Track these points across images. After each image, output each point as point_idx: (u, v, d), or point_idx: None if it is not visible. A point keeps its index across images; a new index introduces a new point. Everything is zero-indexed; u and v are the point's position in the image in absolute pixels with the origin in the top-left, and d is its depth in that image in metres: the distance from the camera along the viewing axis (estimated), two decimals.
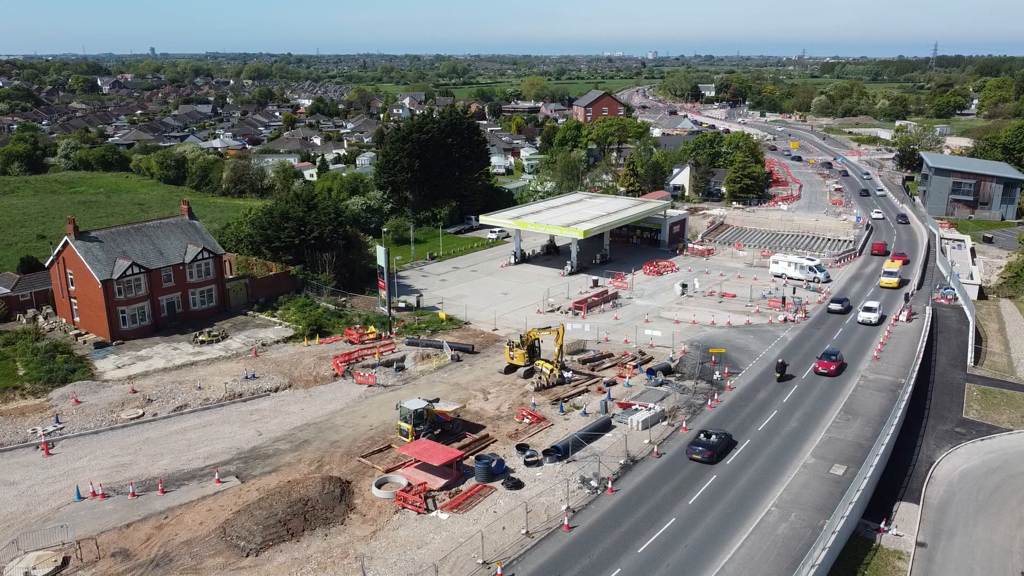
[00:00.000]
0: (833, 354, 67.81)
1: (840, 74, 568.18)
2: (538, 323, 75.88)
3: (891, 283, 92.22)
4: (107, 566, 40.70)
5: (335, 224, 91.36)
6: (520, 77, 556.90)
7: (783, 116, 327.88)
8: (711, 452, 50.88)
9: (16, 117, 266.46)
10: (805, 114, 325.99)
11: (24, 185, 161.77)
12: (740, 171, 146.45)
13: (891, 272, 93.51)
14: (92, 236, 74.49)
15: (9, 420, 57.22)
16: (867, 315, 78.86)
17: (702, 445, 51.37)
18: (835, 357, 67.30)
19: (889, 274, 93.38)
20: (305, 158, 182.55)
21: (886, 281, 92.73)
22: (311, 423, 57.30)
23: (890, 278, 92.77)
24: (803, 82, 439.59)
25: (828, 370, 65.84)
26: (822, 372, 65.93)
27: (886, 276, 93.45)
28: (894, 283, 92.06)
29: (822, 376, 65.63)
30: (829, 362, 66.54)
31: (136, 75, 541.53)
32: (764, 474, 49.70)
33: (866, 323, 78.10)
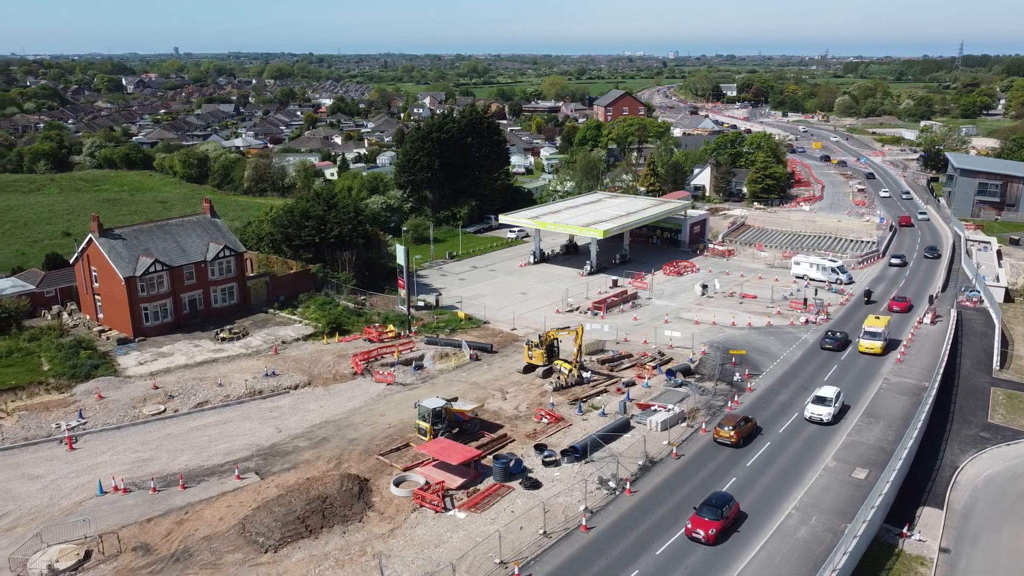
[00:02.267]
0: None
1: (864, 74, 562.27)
2: (557, 323, 75.73)
3: (873, 348, 68.99)
4: (128, 560, 41.11)
5: (355, 223, 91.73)
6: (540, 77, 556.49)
7: (805, 116, 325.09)
8: (839, 343, 71.00)
9: (43, 116, 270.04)
10: (828, 114, 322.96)
11: (50, 183, 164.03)
12: (761, 171, 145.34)
13: (874, 333, 69.56)
14: (116, 234, 75.31)
15: (34, 414, 57.99)
16: (817, 410, 56.16)
17: (832, 339, 71.47)
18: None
19: (871, 335, 69.46)
20: (326, 157, 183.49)
21: (867, 345, 69.15)
22: (330, 421, 57.55)
23: (872, 341, 69.16)
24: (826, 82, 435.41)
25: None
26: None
27: (867, 338, 69.43)
28: (877, 348, 68.81)
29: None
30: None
31: (160, 75, 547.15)
32: (784, 477, 49.24)
33: (816, 422, 56.00)
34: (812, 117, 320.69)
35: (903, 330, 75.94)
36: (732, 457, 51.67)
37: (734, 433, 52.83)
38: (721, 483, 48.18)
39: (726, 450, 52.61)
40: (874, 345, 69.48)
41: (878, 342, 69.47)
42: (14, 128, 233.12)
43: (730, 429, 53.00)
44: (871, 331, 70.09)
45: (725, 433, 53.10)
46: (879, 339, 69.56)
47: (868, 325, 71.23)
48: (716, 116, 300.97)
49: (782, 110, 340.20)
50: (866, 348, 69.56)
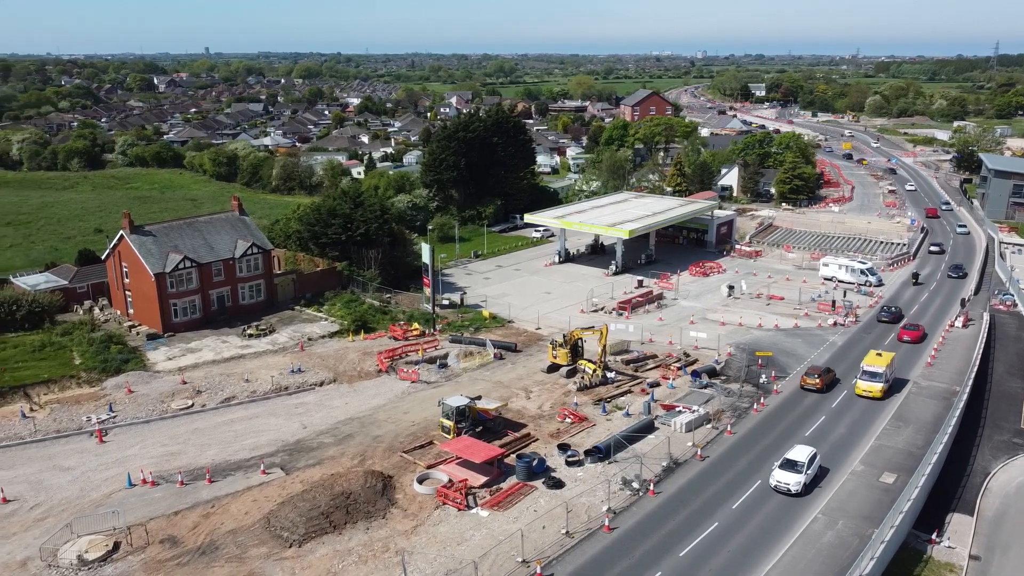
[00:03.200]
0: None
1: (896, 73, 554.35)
2: (581, 323, 75.54)
3: (872, 391, 59.58)
4: (156, 552, 41.69)
5: (381, 221, 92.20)
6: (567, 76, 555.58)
7: (835, 116, 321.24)
8: (895, 317, 77.54)
9: (77, 115, 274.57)
10: (858, 114, 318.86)
11: (83, 180, 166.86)
12: (790, 172, 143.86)
13: (874, 373, 59.97)
14: (146, 230, 76.38)
15: (65, 407, 59.01)
16: (784, 477, 46.96)
17: (888, 312, 78.08)
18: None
19: (870, 376, 59.96)
20: (353, 156, 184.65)
21: (865, 387, 59.88)
22: (354, 417, 57.90)
23: (871, 383, 59.72)
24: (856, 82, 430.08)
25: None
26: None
27: (866, 379, 60.10)
28: (876, 392, 59.43)
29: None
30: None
31: (191, 74, 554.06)
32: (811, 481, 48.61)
33: (783, 492, 46.83)
34: (842, 117, 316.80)
35: (915, 361, 67.81)
36: (756, 460, 51.22)
37: (819, 381, 61.52)
38: (745, 486, 47.78)
39: (750, 452, 52.18)
40: (873, 388, 59.62)
41: (878, 384, 59.51)
42: (49, 126, 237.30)
43: (815, 377, 61.70)
44: (870, 370, 60.18)
45: (811, 381, 61.80)
46: (879, 380, 59.58)
47: (867, 363, 61.02)
48: (744, 116, 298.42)
49: (811, 110, 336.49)
50: (864, 390, 60.03)
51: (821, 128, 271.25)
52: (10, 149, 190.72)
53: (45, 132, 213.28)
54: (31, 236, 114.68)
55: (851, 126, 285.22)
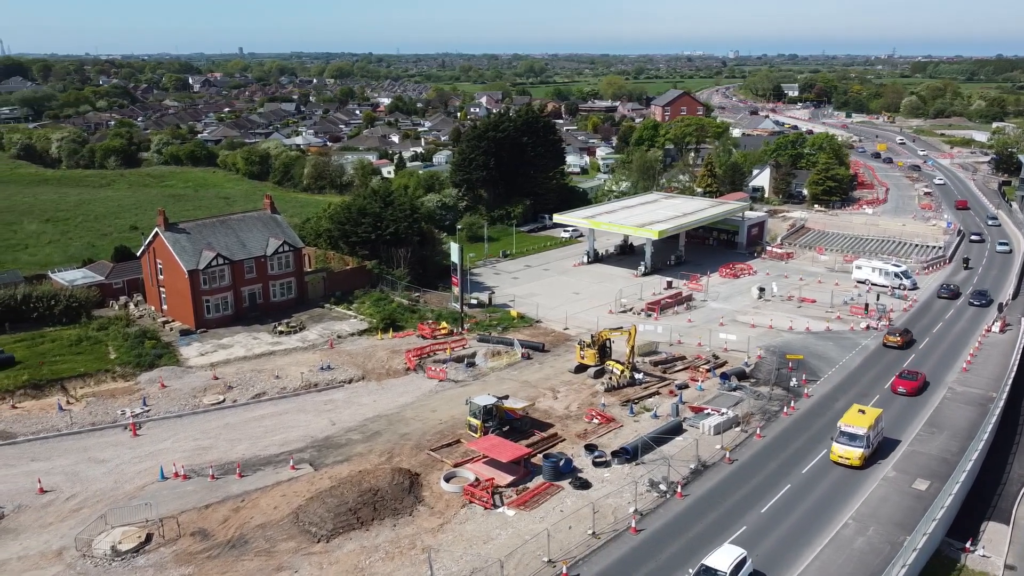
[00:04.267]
0: None
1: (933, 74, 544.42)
2: (610, 323, 75.28)
3: (850, 458, 49.15)
4: (187, 544, 42.34)
5: (410, 221, 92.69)
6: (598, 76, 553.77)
7: (870, 117, 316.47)
8: (953, 294, 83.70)
9: (114, 114, 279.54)
10: (894, 115, 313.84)
11: (119, 178, 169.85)
12: (823, 173, 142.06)
13: (852, 435, 49.51)
14: (180, 228, 77.54)
15: (101, 401, 60.15)
16: None
17: (947, 289, 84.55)
18: None
19: (849, 438, 49.57)
20: (383, 155, 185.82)
21: (841, 452, 49.50)
22: (382, 415, 58.28)
23: (849, 447, 49.35)
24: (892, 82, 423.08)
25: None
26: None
27: (843, 442, 49.75)
28: (854, 458, 48.98)
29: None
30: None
31: (225, 74, 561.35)
32: (841, 486, 48.05)
33: None
34: (877, 118, 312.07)
35: (950, 366, 66.23)
36: (786, 465, 50.68)
37: (900, 339, 70.68)
38: (774, 490, 47.31)
39: (780, 456, 51.67)
40: (851, 453, 48.93)
41: (857, 448, 48.92)
42: (87, 125, 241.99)
43: (897, 336, 71.06)
44: (849, 431, 49.68)
45: (893, 339, 70.97)
46: (860, 444, 49.04)
47: (846, 422, 50.39)
48: (777, 116, 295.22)
49: (846, 111, 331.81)
50: (839, 456, 49.39)
51: (855, 129, 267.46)
52: (50, 147, 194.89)
53: (83, 131, 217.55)
54: (69, 233, 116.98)
55: (886, 127, 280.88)
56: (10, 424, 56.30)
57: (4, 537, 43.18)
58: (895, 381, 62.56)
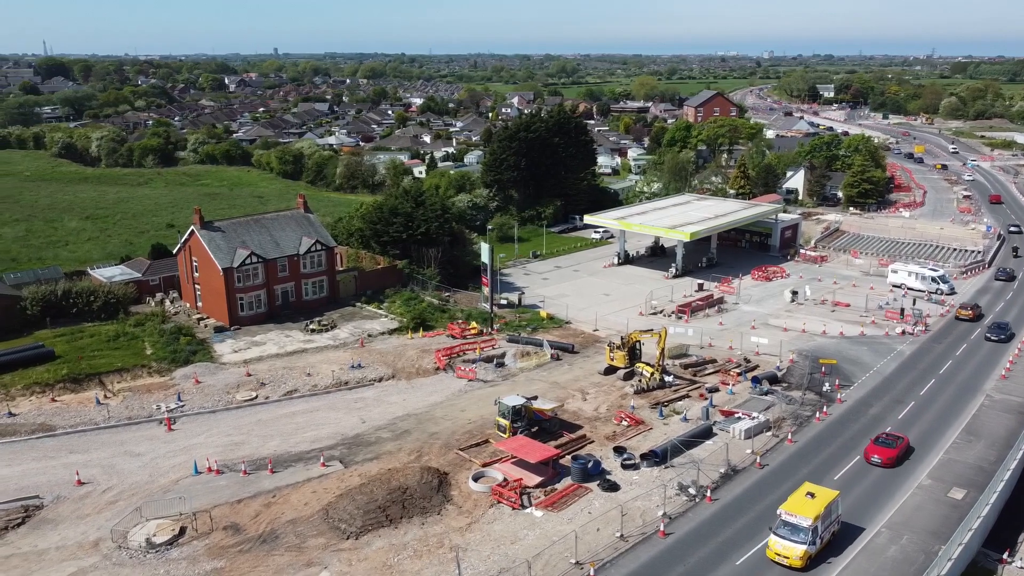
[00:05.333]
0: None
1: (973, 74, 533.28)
2: (640, 325, 74.94)
3: (789, 557, 39.91)
4: (219, 538, 42.98)
5: (441, 221, 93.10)
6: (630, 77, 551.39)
7: (908, 118, 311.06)
8: (1010, 276, 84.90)
9: (152, 114, 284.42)
10: (932, 116, 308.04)
11: (157, 177, 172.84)
12: (859, 175, 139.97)
13: (795, 526, 40.37)
14: (216, 226, 78.67)
15: (137, 396, 61.28)
16: None
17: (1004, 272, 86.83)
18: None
19: (790, 530, 40.45)
20: (415, 155, 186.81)
21: (780, 548, 40.24)
22: (412, 414, 58.63)
23: (791, 542, 40.09)
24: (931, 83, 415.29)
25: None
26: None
27: (782, 534, 40.60)
28: (795, 559, 39.73)
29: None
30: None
31: (260, 74, 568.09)
32: (874, 493, 47.38)
33: None
34: (915, 119, 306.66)
35: (989, 373, 64.66)
36: (818, 471, 50.06)
37: (971, 312, 78.48)
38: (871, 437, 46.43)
39: (811, 462, 51.08)
40: (791, 551, 39.66)
41: (799, 545, 39.64)
42: (126, 125, 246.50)
43: (968, 309, 79.03)
44: (791, 521, 40.47)
45: (965, 312, 79.00)
46: (802, 539, 39.76)
47: (788, 509, 41.14)
48: (812, 118, 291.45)
49: (883, 112, 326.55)
50: (777, 554, 40.15)
51: (892, 131, 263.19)
52: (90, 146, 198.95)
53: (122, 130, 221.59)
54: (108, 230, 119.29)
55: (925, 129, 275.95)
56: (50, 417, 57.59)
57: (43, 527, 44.21)
58: (869, 447, 51.54)
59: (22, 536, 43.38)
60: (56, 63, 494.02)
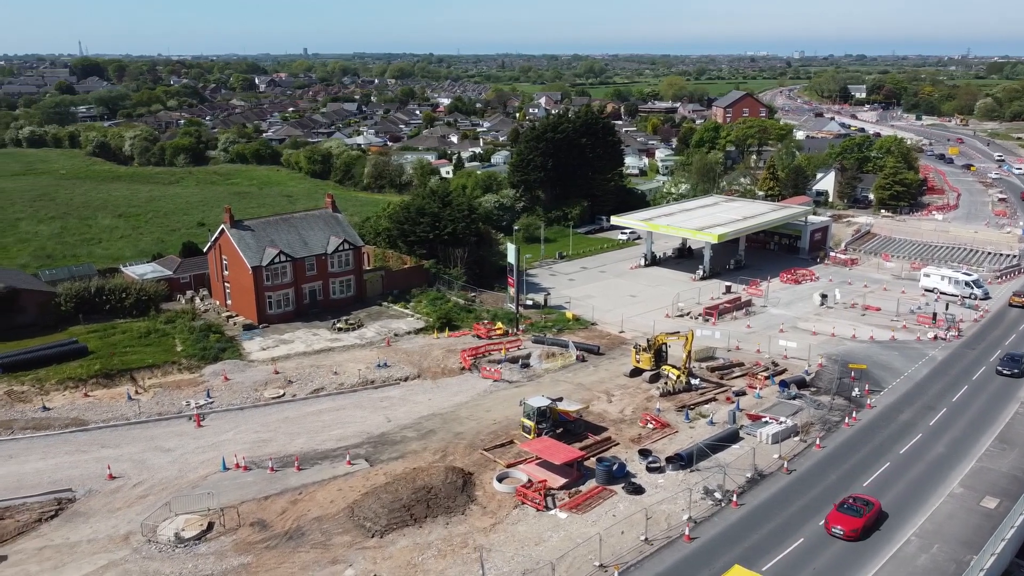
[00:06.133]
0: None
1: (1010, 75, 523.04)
2: (666, 327, 74.47)
3: None
4: (246, 534, 43.44)
5: (468, 221, 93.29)
6: (658, 77, 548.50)
7: (942, 119, 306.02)
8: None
9: (183, 113, 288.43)
10: (967, 118, 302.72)
11: (188, 176, 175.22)
12: (891, 177, 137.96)
13: None
14: (245, 225, 79.50)
15: (167, 392, 62.14)
16: None
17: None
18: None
19: None
20: (442, 155, 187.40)
21: None
22: (437, 413, 58.82)
23: None
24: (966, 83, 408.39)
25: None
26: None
27: None
28: None
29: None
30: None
31: (289, 74, 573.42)
32: (904, 501, 46.67)
33: None
34: (949, 121, 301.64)
35: None
36: (846, 477, 49.44)
37: None
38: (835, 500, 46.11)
39: (840, 468, 50.48)
40: None
41: None
42: (158, 124, 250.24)
43: (1021, 297, 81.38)
44: None
45: (1019, 299, 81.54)
46: None
47: None
48: (843, 119, 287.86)
49: (916, 113, 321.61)
50: None
51: (926, 132, 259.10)
52: (123, 145, 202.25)
53: (154, 129, 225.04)
54: (140, 228, 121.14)
55: (959, 130, 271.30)
56: (83, 411, 58.58)
57: (75, 520, 45.00)
58: (831, 514, 43.86)
59: (55, 528, 44.19)
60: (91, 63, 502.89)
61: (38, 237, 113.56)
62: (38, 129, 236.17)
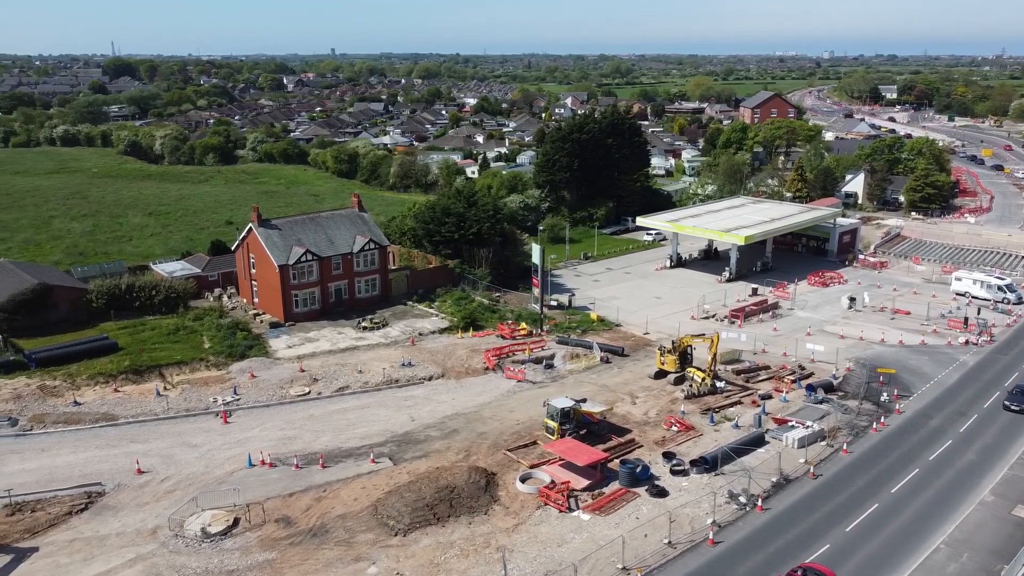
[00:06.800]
0: None
1: None
2: (691, 329, 74.02)
3: None
4: (271, 531, 43.85)
5: (493, 221, 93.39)
6: (685, 77, 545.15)
7: (975, 121, 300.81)
8: None
9: (213, 113, 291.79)
10: (1001, 119, 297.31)
11: (217, 175, 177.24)
12: (922, 179, 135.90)
13: None
14: (272, 224, 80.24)
15: (195, 388, 62.89)
16: None
17: None
18: None
19: None
20: (468, 155, 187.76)
21: None
22: (460, 413, 58.94)
23: None
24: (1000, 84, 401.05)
25: None
26: None
27: None
28: None
29: None
30: None
31: (317, 74, 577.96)
32: (933, 508, 45.97)
33: None
34: (983, 122, 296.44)
35: None
36: (874, 483, 48.79)
37: None
38: (861, 508, 45.63)
39: (867, 474, 49.81)
40: None
41: None
42: (188, 123, 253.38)
43: None
44: None
45: None
46: None
47: None
48: (873, 120, 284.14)
49: (948, 114, 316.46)
50: None
51: (958, 133, 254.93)
52: (154, 144, 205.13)
53: (184, 129, 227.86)
54: (169, 226, 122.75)
55: (993, 132, 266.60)
56: (112, 407, 59.48)
57: (104, 513, 45.70)
58: None
59: (85, 521, 44.92)
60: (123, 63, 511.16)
61: (71, 234, 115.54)
62: (71, 128, 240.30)
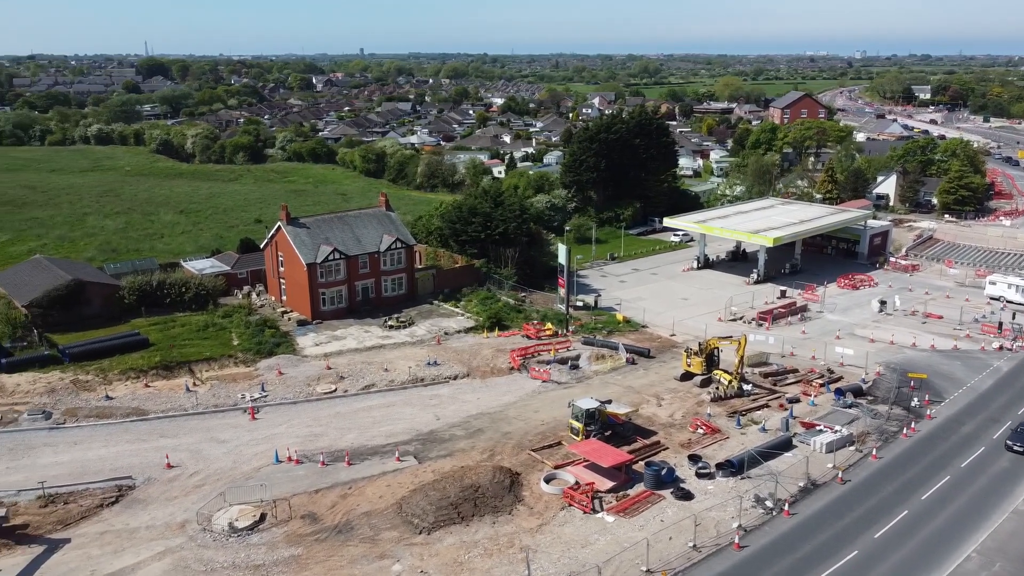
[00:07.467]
0: None
1: None
2: (719, 331, 73.47)
3: None
4: (297, 527, 44.25)
5: (519, 221, 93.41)
6: (714, 77, 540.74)
7: (1011, 122, 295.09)
8: None
9: (243, 112, 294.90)
10: None
11: (246, 173, 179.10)
12: (956, 181, 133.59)
13: None
14: (301, 222, 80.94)
15: (223, 384, 63.65)
16: None
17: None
18: None
19: None
20: (495, 155, 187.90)
21: None
22: (485, 413, 59.03)
23: None
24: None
25: None
26: None
27: None
28: None
29: None
30: None
31: (346, 74, 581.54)
32: (964, 516, 45.20)
33: None
34: (1020, 123, 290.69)
35: None
36: (904, 489, 48.07)
37: None
38: (890, 515, 44.98)
39: (898, 479, 49.04)
40: None
41: None
42: (219, 122, 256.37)
43: None
44: None
45: None
46: None
47: None
48: (905, 120, 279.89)
49: (983, 114, 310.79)
50: None
51: (993, 134, 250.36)
52: (185, 143, 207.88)
53: (215, 128, 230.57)
54: (200, 224, 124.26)
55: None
56: (143, 401, 60.41)
57: (134, 507, 46.42)
58: None
59: (115, 514, 45.65)
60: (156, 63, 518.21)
61: (104, 231, 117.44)
62: (105, 127, 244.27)
